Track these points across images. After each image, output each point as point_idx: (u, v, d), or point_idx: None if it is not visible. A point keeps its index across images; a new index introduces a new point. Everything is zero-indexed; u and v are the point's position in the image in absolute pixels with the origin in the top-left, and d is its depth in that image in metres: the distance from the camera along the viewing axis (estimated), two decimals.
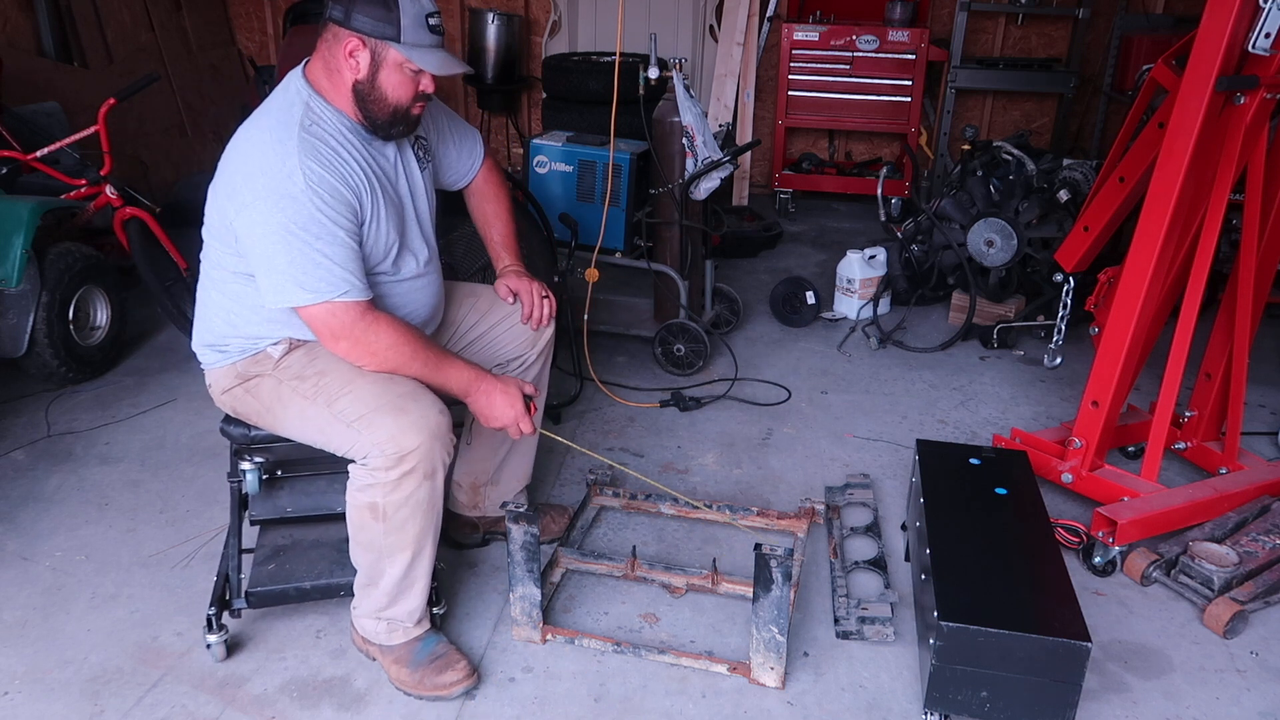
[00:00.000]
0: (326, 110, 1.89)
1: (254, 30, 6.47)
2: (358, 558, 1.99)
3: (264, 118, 1.89)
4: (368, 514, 1.89)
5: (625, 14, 3.44)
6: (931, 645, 1.81)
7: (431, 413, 1.86)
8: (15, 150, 3.55)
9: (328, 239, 1.79)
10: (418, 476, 1.85)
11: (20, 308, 3.14)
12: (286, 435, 2.00)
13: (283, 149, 1.80)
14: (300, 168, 1.78)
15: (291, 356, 1.97)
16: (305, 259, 1.78)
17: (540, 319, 2.29)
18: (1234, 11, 2.13)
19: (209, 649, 2.08)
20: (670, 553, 2.52)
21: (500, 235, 2.35)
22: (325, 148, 1.83)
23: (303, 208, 1.77)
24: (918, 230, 4.05)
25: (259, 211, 1.78)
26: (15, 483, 2.77)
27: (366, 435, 1.85)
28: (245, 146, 1.86)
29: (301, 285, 1.79)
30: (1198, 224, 2.45)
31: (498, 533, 2.49)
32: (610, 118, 3.19)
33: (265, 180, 1.78)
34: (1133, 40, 5.33)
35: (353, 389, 1.89)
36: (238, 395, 2.02)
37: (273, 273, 1.81)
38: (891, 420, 3.24)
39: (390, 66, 1.86)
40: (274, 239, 1.78)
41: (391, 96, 1.88)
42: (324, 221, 1.79)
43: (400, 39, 1.83)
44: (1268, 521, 2.48)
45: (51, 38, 4.95)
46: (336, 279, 1.81)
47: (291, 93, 1.90)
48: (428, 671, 1.99)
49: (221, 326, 1.99)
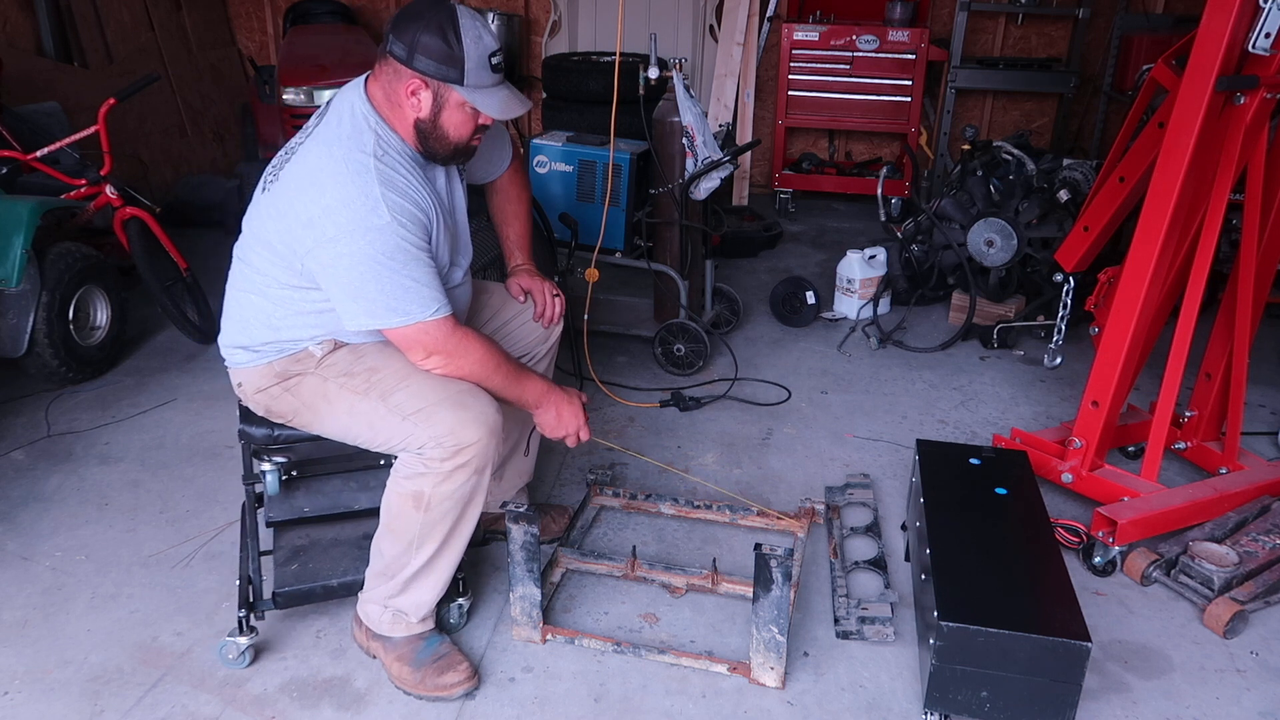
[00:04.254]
0: (393, 138, 1.90)
1: (254, 30, 6.47)
2: (384, 545, 1.99)
3: (337, 146, 1.86)
4: (410, 503, 1.91)
5: (625, 14, 3.44)
6: (931, 645, 1.81)
7: (490, 410, 1.91)
8: (15, 150, 3.55)
9: (414, 264, 1.83)
10: (469, 470, 1.88)
11: (20, 308, 3.14)
12: (323, 432, 2.02)
13: (362, 181, 1.80)
14: (384, 200, 1.80)
15: (335, 355, 1.99)
16: (396, 285, 1.82)
17: (551, 317, 2.35)
18: (1234, 11, 2.13)
19: (242, 654, 2.06)
20: (670, 553, 2.52)
21: (516, 234, 2.39)
22: (399, 176, 1.86)
23: (389, 238, 1.80)
24: (918, 230, 4.05)
25: (345, 245, 1.79)
26: (15, 483, 2.78)
27: (424, 428, 1.87)
28: (321, 177, 1.83)
29: (394, 310, 1.83)
30: (1198, 224, 2.45)
31: (497, 531, 2.49)
32: (610, 118, 3.19)
33: (349, 214, 1.79)
34: (1133, 40, 5.33)
35: (409, 384, 1.92)
36: (274, 394, 2.01)
37: (362, 299, 1.84)
38: (891, 420, 3.24)
39: (453, 107, 1.87)
40: (363, 269, 1.81)
41: (453, 135, 1.91)
42: (408, 248, 1.82)
43: (464, 82, 1.84)
44: (1268, 521, 2.48)
45: (51, 38, 4.95)
46: (427, 299, 1.85)
47: (360, 119, 1.88)
48: (429, 671, 2.00)
49: (261, 330, 1.99)
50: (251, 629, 2.07)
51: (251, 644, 2.07)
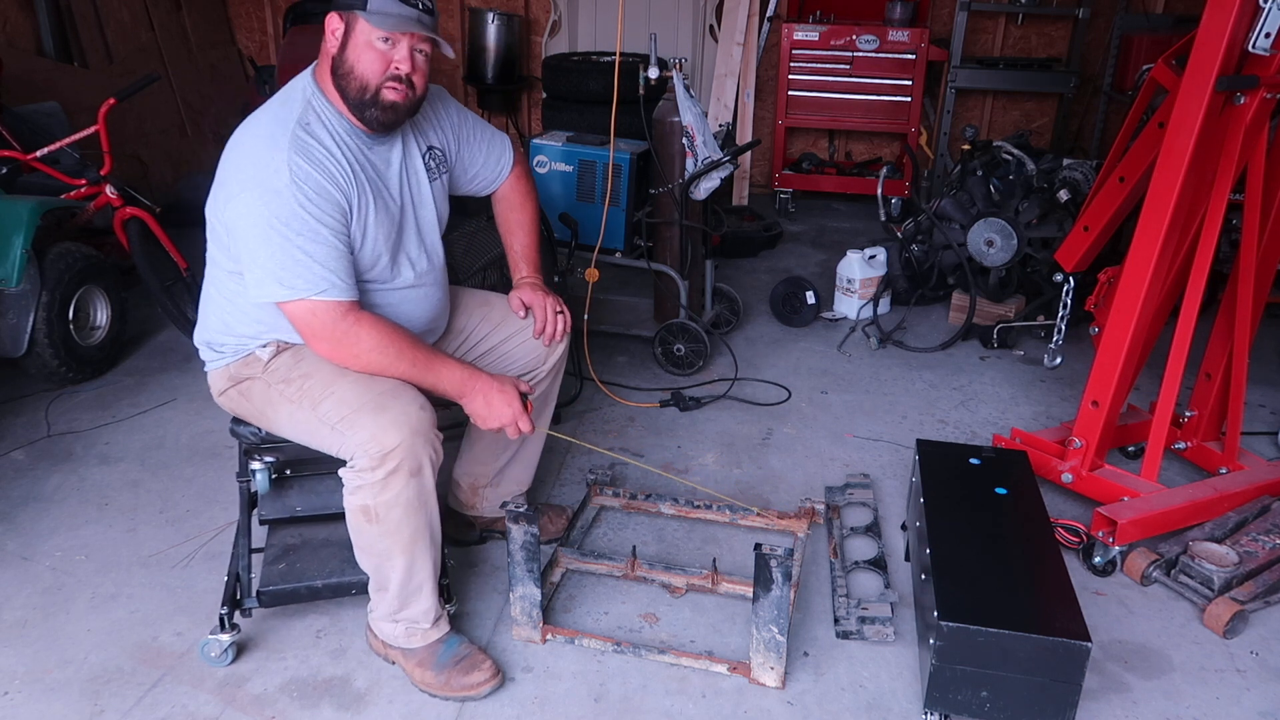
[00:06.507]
0: (328, 110, 1.88)
1: (254, 30, 6.47)
2: (363, 562, 1.99)
3: (263, 113, 1.89)
4: (362, 517, 1.89)
5: (625, 14, 3.44)
6: (931, 645, 1.81)
7: (412, 409, 1.84)
8: (15, 150, 3.55)
9: (309, 235, 1.78)
10: (403, 475, 1.83)
11: (20, 308, 3.14)
12: (282, 436, 2.01)
13: (273, 144, 1.80)
14: (288, 163, 1.77)
15: (279, 359, 1.97)
16: (286, 255, 1.77)
17: (553, 335, 2.24)
18: (1234, 11, 2.13)
19: (225, 652, 2.06)
20: (670, 553, 2.52)
21: (521, 245, 2.31)
22: (319, 147, 1.83)
23: (286, 203, 1.76)
24: (918, 230, 4.05)
25: (244, 203, 1.78)
26: (15, 483, 2.77)
27: (350, 436, 1.83)
28: (241, 139, 1.87)
29: (281, 281, 1.78)
30: (1198, 224, 2.45)
31: (495, 531, 2.49)
32: (610, 118, 3.19)
33: (253, 172, 1.79)
34: (1133, 40, 5.33)
35: (335, 390, 1.87)
36: (232, 397, 2.03)
37: (255, 267, 1.81)
38: (891, 420, 3.24)
39: (358, 37, 1.83)
40: (257, 232, 1.78)
41: (359, 70, 1.84)
42: (306, 218, 1.77)
43: (367, 6, 1.81)
44: (1268, 521, 2.48)
45: (51, 38, 4.95)
46: (316, 277, 1.79)
47: (296, 91, 1.90)
48: (454, 673, 1.99)
49: (217, 325, 2.00)
50: (235, 626, 2.07)
51: (234, 641, 2.07)
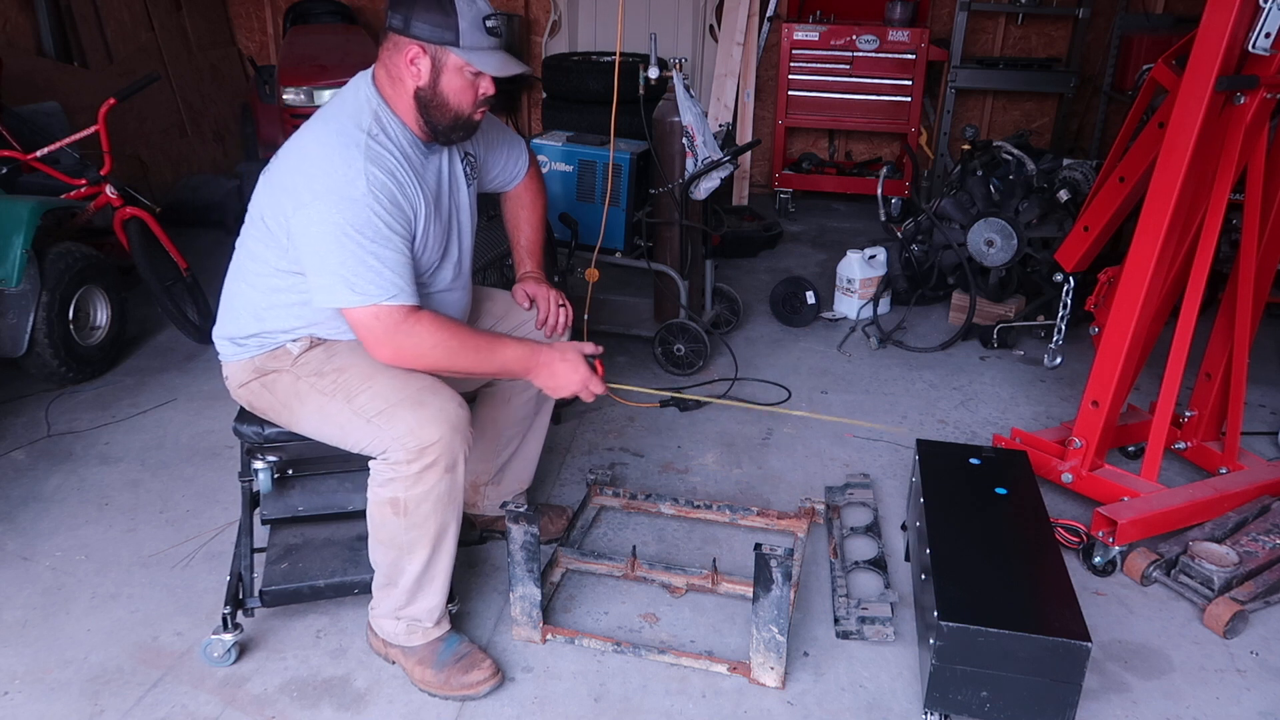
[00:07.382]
0: (393, 121, 1.90)
1: (254, 30, 6.48)
2: (377, 556, 1.98)
3: (333, 121, 1.88)
4: (389, 510, 1.89)
5: (625, 14, 3.43)
6: (931, 645, 1.81)
7: (450, 405, 1.87)
8: (15, 150, 3.55)
9: (382, 243, 1.80)
10: (439, 470, 1.86)
11: (20, 308, 3.14)
12: (302, 432, 2.00)
13: (348, 153, 1.81)
14: (364, 172, 1.79)
15: (311, 354, 1.98)
16: (359, 261, 1.79)
17: (555, 326, 2.29)
18: (1234, 11, 2.13)
19: (228, 652, 2.06)
20: (670, 553, 2.52)
21: (527, 240, 2.36)
22: (390, 157, 1.85)
23: (362, 211, 1.78)
24: (918, 230, 4.05)
25: (317, 211, 1.78)
26: (15, 483, 2.77)
27: (387, 430, 1.85)
28: (310, 146, 1.86)
29: (351, 287, 1.80)
30: (1198, 224, 2.45)
31: (495, 531, 2.49)
32: (610, 118, 3.19)
33: (327, 181, 1.79)
34: (1133, 40, 5.34)
35: (372, 385, 1.89)
36: (254, 389, 2.02)
37: (324, 272, 1.81)
38: (891, 420, 3.24)
39: (451, 71, 1.86)
40: (329, 239, 1.79)
41: (453, 102, 1.89)
42: (380, 226, 1.80)
43: (459, 43, 1.84)
44: (1268, 521, 2.48)
45: (51, 38, 4.96)
46: (387, 282, 1.81)
47: (360, 100, 1.90)
48: (454, 671, 1.99)
49: (249, 321, 1.99)
50: (237, 626, 2.07)
51: (237, 641, 2.07)
